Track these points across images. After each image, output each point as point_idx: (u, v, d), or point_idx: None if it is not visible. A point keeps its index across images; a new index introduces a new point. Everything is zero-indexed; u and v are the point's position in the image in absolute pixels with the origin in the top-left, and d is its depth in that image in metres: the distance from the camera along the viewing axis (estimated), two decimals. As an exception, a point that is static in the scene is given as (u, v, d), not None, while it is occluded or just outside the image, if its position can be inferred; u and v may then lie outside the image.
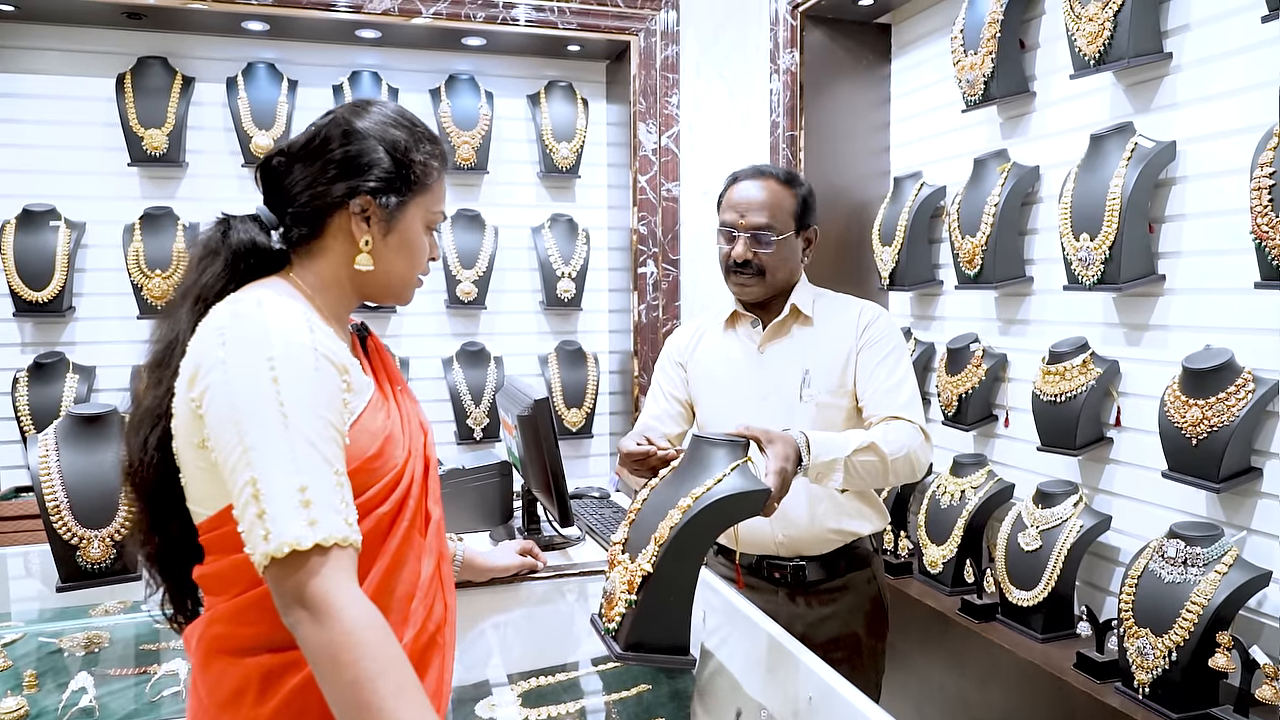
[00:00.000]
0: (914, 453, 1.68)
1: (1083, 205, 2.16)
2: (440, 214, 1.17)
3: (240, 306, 0.99)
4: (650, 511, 1.37)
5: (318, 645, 0.89)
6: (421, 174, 1.12)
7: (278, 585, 0.90)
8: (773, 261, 1.82)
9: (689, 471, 1.39)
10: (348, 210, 1.08)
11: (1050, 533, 2.19)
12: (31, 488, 2.07)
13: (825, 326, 1.86)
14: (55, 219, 2.98)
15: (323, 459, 0.93)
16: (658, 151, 3.35)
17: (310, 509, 0.90)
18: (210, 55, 3.20)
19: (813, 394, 1.81)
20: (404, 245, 1.12)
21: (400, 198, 1.10)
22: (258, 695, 0.99)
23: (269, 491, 0.89)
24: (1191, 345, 2.00)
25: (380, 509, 1.05)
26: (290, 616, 0.90)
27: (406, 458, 1.10)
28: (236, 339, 0.95)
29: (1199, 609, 1.74)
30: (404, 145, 1.10)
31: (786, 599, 1.86)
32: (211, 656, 1.02)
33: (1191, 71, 2.05)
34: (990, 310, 2.72)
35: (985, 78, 2.51)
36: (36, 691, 1.58)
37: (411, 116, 1.16)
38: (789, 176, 1.87)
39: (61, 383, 2.95)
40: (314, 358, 0.97)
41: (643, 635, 1.28)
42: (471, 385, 3.38)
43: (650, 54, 3.33)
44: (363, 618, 0.90)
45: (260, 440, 0.91)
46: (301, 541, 0.88)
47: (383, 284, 1.13)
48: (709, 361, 1.94)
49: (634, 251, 3.37)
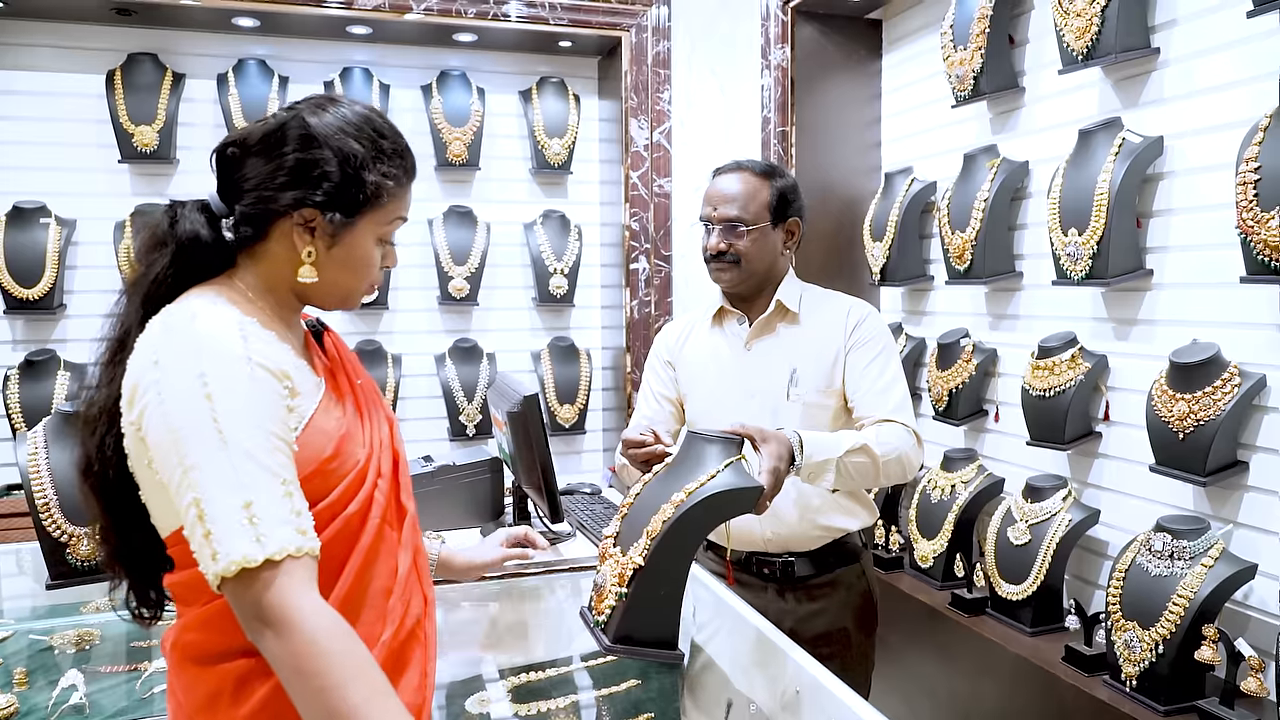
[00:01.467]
0: (905, 454, 1.69)
1: (1071, 200, 2.17)
2: (399, 221, 1.12)
3: (172, 319, 0.97)
4: (643, 506, 1.38)
5: (282, 658, 0.88)
6: (374, 192, 1.06)
7: (236, 602, 0.90)
8: (748, 251, 1.81)
9: (682, 467, 1.39)
10: (292, 219, 1.04)
11: (1039, 527, 2.20)
12: (21, 485, 2.07)
13: (812, 324, 1.86)
14: (46, 216, 2.97)
15: (265, 471, 0.91)
16: (649, 147, 3.35)
17: (257, 525, 0.88)
18: (201, 52, 3.19)
19: (800, 393, 1.82)
20: (349, 260, 1.08)
21: (347, 216, 1.05)
22: (232, 699, 0.98)
23: (213, 512, 0.88)
24: (1178, 340, 2.01)
25: (348, 510, 1.03)
26: (252, 632, 0.90)
27: (369, 454, 1.08)
28: (168, 356, 0.94)
29: (1185, 602, 1.75)
30: (359, 160, 1.05)
31: (775, 595, 1.86)
32: (185, 663, 1.02)
33: (1179, 67, 2.05)
34: (980, 305, 2.73)
35: (975, 73, 2.52)
36: (27, 689, 1.58)
37: (378, 124, 1.09)
38: (768, 169, 1.87)
39: (53, 380, 2.95)
40: (248, 368, 0.94)
41: (632, 628, 1.29)
42: (464, 382, 3.38)
43: (642, 50, 3.33)
44: (324, 626, 0.89)
45: (199, 460, 0.89)
46: (251, 558, 0.87)
47: (325, 294, 1.10)
48: (696, 358, 1.94)
49: (626, 247, 3.37)
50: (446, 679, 1.64)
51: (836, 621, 1.88)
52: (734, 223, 1.81)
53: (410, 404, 3.41)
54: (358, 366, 1.20)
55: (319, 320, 1.21)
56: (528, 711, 1.50)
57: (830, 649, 1.84)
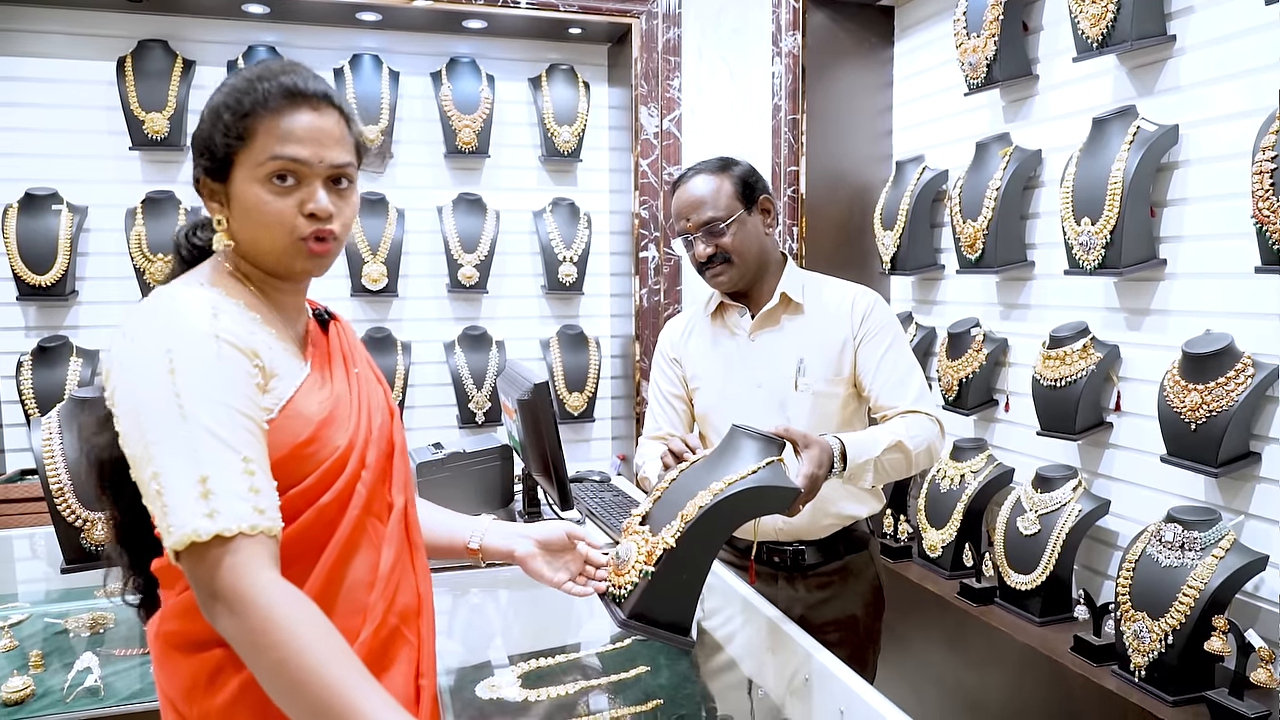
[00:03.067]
0: (933, 444, 1.75)
1: (1084, 189, 2.16)
2: (279, 160, 0.99)
3: (153, 300, 0.98)
4: (678, 490, 1.39)
5: (237, 635, 0.88)
6: (232, 128, 0.99)
7: (192, 579, 0.89)
8: (735, 245, 1.80)
9: (721, 459, 1.41)
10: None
11: (1049, 517, 2.20)
12: (36, 470, 2.08)
13: (817, 314, 1.86)
14: (57, 203, 2.98)
15: (225, 447, 0.90)
16: (659, 135, 3.34)
17: (210, 500, 0.88)
18: (211, 39, 3.18)
19: (808, 383, 1.82)
20: (246, 214, 1.02)
21: (220, 168, 1.01)
22: (207, 688, 0.98)
23: (169, 485, 0.88)
24: (1192, 330, 2.00)
25: (323, 499, 1.01)
26: (207, 610, 0.89)
27: (351, 443, 1.05)
28: (140, 332, 0.95)
29: (1196, 593, 1.75)
30: (214, 107, 1.01)
31: (786, 583, 1.88)
32: (167, 650, 1.02)
33: (1194, 55, 2.03)
34: (991, 295, 2.72)
35: (988, 61, 2.50)
36: (42, 671, 1.60)
37: (249, 70, 1.03)
38: (721, 163, 1.85)
39: (65, 366, 2.96)
40: (215, 345, 0.94)
41: (650, 607, 1.29)
42: (473, 369, 3.38)
43: (652, 37, 3.31)
44: (279, 600, 0.88)
45: (159, 434, 0.89)
46: (200, 533, 0.86)
47: (262, 260, 1.04)
48: (700, 353, 1.94)
49: (635, 235, 3.36)
50: (456, 664, 1.65)
51: (846, 609, 1.89)
52: (712, 223, 1.80)
53: (419, 391, 3.42)
54: (359, 356, 1.18)
55: (326, 309, 1.20)
56: (537, 697, 1.51)
57: (839, 635, 1.85)
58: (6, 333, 3.05)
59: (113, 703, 1.50)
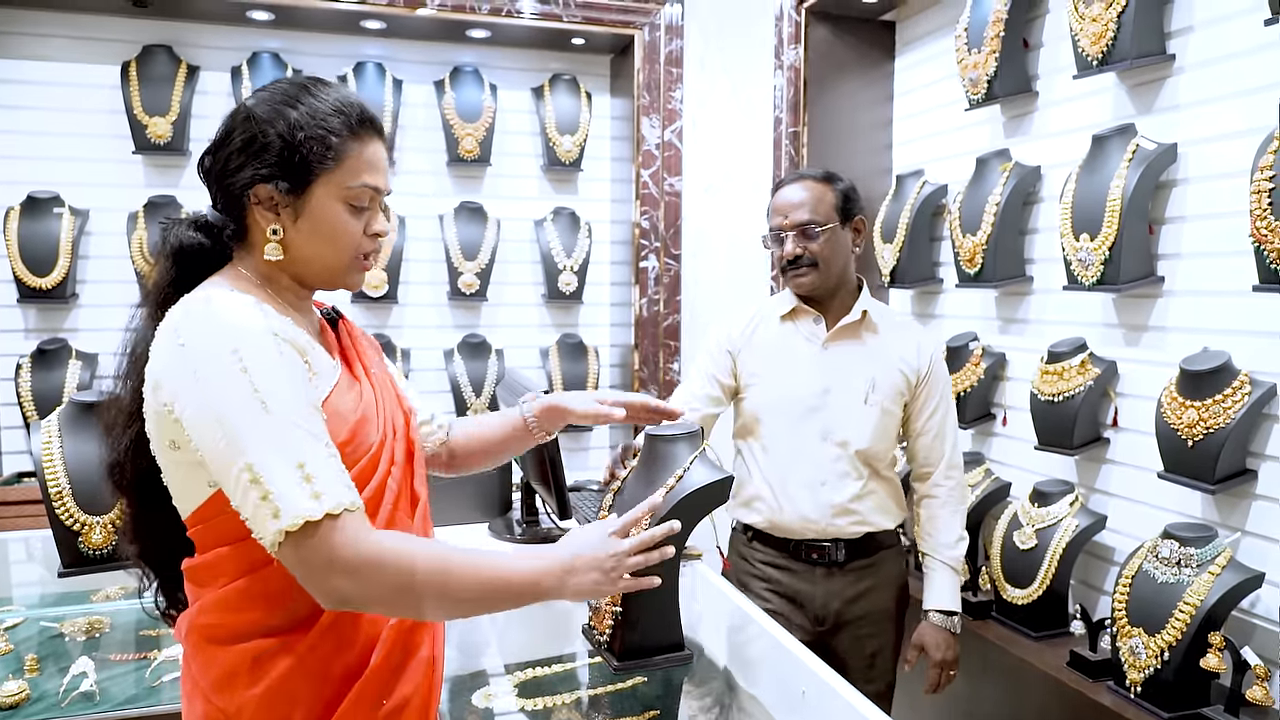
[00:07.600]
0: (964, 513, 2.05)
1: (1083, 206, 2.17)
2: (367, 188, 1.07)
3: (190, 305, 0.99)
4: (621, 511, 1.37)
5: (380, 596, 0.95)
6: (320, 150, 1.03)
7: (303, 563, 0.92)
8: (823, 252, 1.92)
9: (649, 471, 1.39)
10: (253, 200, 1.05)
11: (1046, 532, 2.20)
12: (34, 473, 2.08)
13: (890, 342, 1.98)
14: (59, 206, 2.98)
15: (309, 435, 0.94)
16: (661, 146, 3.36)
17: (313, 483, 0.92)
18: (215, 44, 3.20)
19: (877, 399, 1.95)
20: (317, 230, 1.06)
21: (298, 182, 1.03)
22: (248, 678, 1.00)
23: (268, 474, 0.91)
24: (1189, 347, 2.00)
25: (362, 495, 1.03)
26: (322, 585, 0.93)
27: (383, 440, 1.09)
28: (194, 337, 0.96)
29: (1192, 609, 1.75)
30: (294, 122, 1.03)
31: (824, 576, 1.97)
32: (203, 644, 1.04)
33: (1194, 73, 2.05)
34: (990, 309, 2.73)
35: (988, 77, 2.51)
36: (38, 675, 1.60)
37: (316, 90, 1.07)
38: (828, 175, 1.98)
39: (64, 369, 2.96)
40: (274, 342, 0.97)
41: (634, 643, 1.30)
42: (472, 377, 3.39)
43: (654, 48, 3.33)
44: (403, 547, 0.96)
45: (245, 429, 0.92)
46: (313, 513, 0.91)
47: (311, 272, 1.09)
48: (766, 350, 2.00)
49: (636, 245, 3.37)
50: (452, 673, 1.65)
51: (879, 603, 2.01)
52: (807, 226, 1.90)
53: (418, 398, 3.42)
54: (371, 355, 1.20)
55: (334, 308, 1.22)
56: (533, 707, 1.51)
57: (871, 629, 2.00)
58: (6, 335, 3.05)
59: (108, 707, 1.49)
